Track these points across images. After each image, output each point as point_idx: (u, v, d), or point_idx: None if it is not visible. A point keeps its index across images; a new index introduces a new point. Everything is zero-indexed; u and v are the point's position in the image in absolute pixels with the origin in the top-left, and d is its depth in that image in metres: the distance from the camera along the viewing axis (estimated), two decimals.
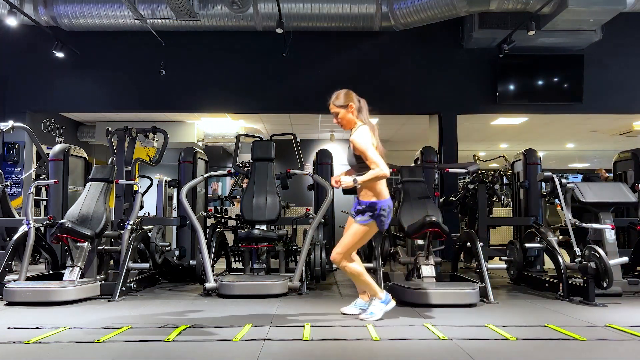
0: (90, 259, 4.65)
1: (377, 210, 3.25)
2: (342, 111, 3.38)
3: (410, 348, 2.69)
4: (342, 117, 3.40)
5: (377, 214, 3.25)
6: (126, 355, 2.55)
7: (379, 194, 3.27)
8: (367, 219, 3.27)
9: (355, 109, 3.37)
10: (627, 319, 3.40)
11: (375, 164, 3.16)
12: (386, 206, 3.28)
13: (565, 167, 17.53)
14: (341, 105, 3.38)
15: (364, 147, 3.20)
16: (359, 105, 3.40)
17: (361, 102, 3.42)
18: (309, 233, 4.65)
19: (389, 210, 3.31)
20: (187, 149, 5.89)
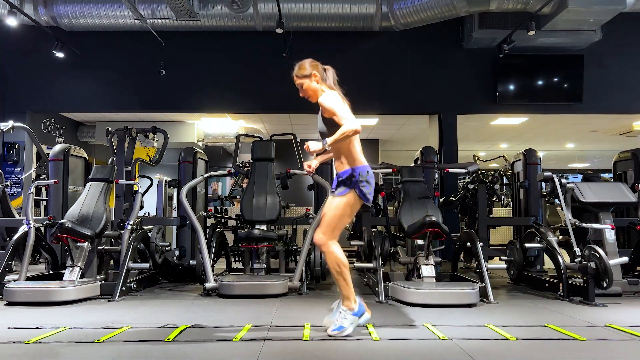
0: (90, 259, 4.65)
1: (355, 177, 2.93)
2: (306, 81, 3.11)
3: (410, 348, 2.69)
4: (307, 88, 3.11)
5: (355, 180, 2.92)
6: (126, 355, 2.55)
7: (355, 160, 2.98)
8: (345, 189, 2.95)
9: (319, 78, 3.11)
10: (627, 319, 3.40)
11: (345, 119, 2.85)
12: (365, 172, 2.95)
13: (565, 167, 17.53)
14: (304, 75, 3.11)
15: (332, 105, 2.92)
16: (324, 74, 3.15)
17: (327, 70, 3.17)
18: (309, 233, 4.65)
19: (370, 177, 2.97)
20: (187, 149, 5.89)
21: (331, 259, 2.94)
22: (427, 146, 6.13)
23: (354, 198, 2.95)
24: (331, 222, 2.96)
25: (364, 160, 3.01)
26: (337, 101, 2.97)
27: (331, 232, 2.95)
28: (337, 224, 2.97)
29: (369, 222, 5.40)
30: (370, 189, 2.98)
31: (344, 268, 2.93)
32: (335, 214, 2.96)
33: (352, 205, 2.97)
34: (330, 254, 2.94)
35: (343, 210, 2.96)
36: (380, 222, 5.70)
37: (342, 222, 2.99)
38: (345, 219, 3.00)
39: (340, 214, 2.96)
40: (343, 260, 2.94)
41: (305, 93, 3.17)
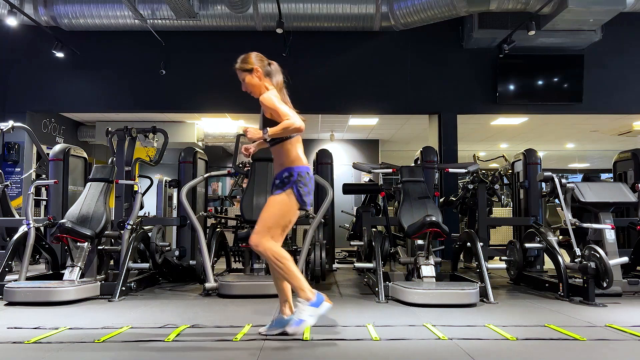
0: (90, 259, 4.65)
1: (294, 176, 2.82)
2: (247, 76, 2.99)
3: (410, 348, 2.69)
4: (248, 83, 3.00)
5: (293, 179, 2.81)
6: (126, 355, 2.55)
7: (295, 159, 2.88)
8: (282, 188, 2.84)
9: (262, 73, 2.99)
10: (627, 319, 3.40)
11: (285, 115, 2.78)
12: (304, 172, 2.85)
13: (565, 167, 17.54)
14: (246, 69, 2.99)
15: (273, 103, 2.84)
16: (269, 69, 3.03)
17: (272, 66, 3.06)
18: (309, 233, 4.65)
19: (309, 179, 2.87)
20: (187, 149, 5.89)
21: (269, 257, 2.78)
22: (427, 146, 6.13)
23: (291, 198, 2.82)
24: (266, 222, 2.81)
25: (305, 162, 2.92)
26: (278, 100, 2.89)
27: (266, 231, 2.79)
28: (273, 224, 2.81)
29: (369, 222, 5.40)
30: (308, 191, 2.86)
31: (286, 262, 2.77)
32: (271, 213, 2.82)
33: (289, 205, 2.83)
34: (267, 252, 2.77)
35: (278, 209, 2.82)
36: (380, 222, 5.70)
37: (279, 222, 2.83)
38: (283, 218, 2.84)
39: (276, 213, 2.82)
40: (282, 254, 2.78)
41: (247, 88, 3.05)
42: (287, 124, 2.76)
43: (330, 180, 6.08)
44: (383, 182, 5.29)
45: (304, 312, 2.77)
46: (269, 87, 3.01)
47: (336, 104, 8.06)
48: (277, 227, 2.82)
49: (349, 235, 7.26)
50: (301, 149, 2.97)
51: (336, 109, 8.24)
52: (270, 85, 3.02)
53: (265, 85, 3.01)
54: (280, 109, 2.82)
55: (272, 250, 2.76)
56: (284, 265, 2.76)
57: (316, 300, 2.80)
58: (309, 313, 2.77)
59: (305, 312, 2.77)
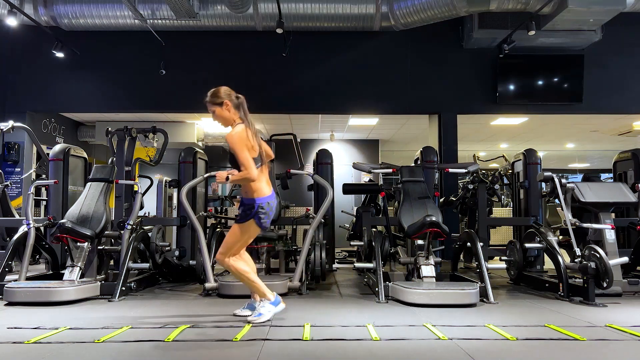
0: (90, 259, 4.65)
1: (255, 208, 3.25)
2: (217, 109, 3.30)
3: (410, 348, 2.69)
4: (219, 115, 3.32)
5: (254, 212, 3.25)
6: (126, 355, 2.55)
7: (256, 191, 3.27)
8: (244, 217, 3.29)
9: (232, 106, 3.30)
10: (627, 319, 3.40)
11: (243, 166, 3.15)
12: (264, 203, 3.28)
13: (565, 167, 17.54)
14: (216, 102, 3.29)
15: (235, 148, 3.18)
16: (237, 102, 3.32)
17: (240, 99, 3.34)
18: (309, 233, 4.65)
19: (269, 208, 3.31)
20: (187, 149, 5.89)
21: (234, 271, 3.35)
22: (427, 146, 6.13)
23: (252, 226, 3.31)
24: (229, 245, 3.33)
25: (266, 191, 3.32)
26: (242, 142, 3.19)
27: (228, 251, 3.33)
28: (234, 246, 3.35)
29: (369, 222, 5.40)
30: (268, 217, 3.33)
31: (248, 274, 3.34)
32: (233, 239, 3.33)
33: (250, 231, 3.34)
34: (232, 267, 3.34)
35: (240, 235, 3.33)
36: (380, 222, 5.70)
37: (240, 243, 3.37)
38: (242, 242, 3.38)
39: (238, 239, 3.34)
40: (244, 268, 3.36)
41: (217, 120, 3.37)
42: (243, 175, 3.18)
43: (330, 180, 6.08)
44: (383, 182, 5.29)
45: (263, 308, 3.32)
46: (237, 119, 3.34)
47: (336, 104, 8.06)
48: (237, 248, 3.38)
49: (349, 235, 7.26)
50: (264, 179, 3.36)
51: (336, 109, 8.24)
52: (238, 118, 3.34)
53: (234, 118, 3.34)
54: (240, 156, 3.17)
55: (234, 266, 3.34)
56: (247, 278, 3.35)
57: (275, 300, 3.37)
58: (267, 309, 3.32)
59: (265, 309, 3.32)
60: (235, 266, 3.33)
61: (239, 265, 3.35)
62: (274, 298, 3.36)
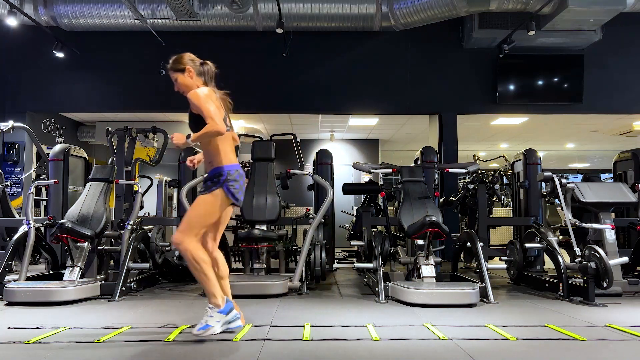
0: (90, 259, 4.65)
1: (223, 175, 2.86)
2: (180, 75, 3.01)
3: (410, 348, 2.69)
4: (181, 82, 3.01)
5: (222, 179, 2.85)
6: (126, 355, 2.55)
7: (223, 159, 2.91)
8: (210, 187, 2.87)
9: (195, 73, 3.00)
10: (627, 319, 3.40)
11: (209, 118, 2.76)
12: (233, 170, 2.90)
13: (565, 167, 17.54)
14: (178, 69, 3.01)
15: (199, 102, 2.82)
16: (201, 69, 3.03)
17: (205, 66, 3.05)
18: (309, 233, 4.65)
19: (239, 175, 2.92)
20: (187, 149, 5.89)
21: (188, 257, 2.79)
22: (427, 146, 6.13)
23: (222, 196, 2.86)
24: (191, 220, 2.83)
25: (233, 160, 2.96)
26: (206, 99, 2.86)
27: (190, 230, 2.81)
28: (199, 222, 2.84)
29: (369, 222, 5.40)
30: (240, 187, 2.92)
31: (203, 264, 2.79)
32: (198, 212, 2.85)
33: (219, 204, 2.87)
34: (186, 252, 2.78)
35: (207, 207, 2.86)
36: (380, 222, 5.70)
37: (205, 220, 2.87)
38: (209, 218, 2.88)
39: (203, 212, 2.85)
40: (201, 257, 2.80)
41: (179, 88, 3.05)
42: (207, 128, 2.77)
43: (330, 180, 6.08)
44: (383, 182, 5.29)
45: (211, 318, 2.80)
46: (199, 84, 3.02)
47: (336, 104, 8.06)
48: (201, 226, 2.86)
49: (349, 235, 7.26)
50: (230, 148, 3.00)
51: (336, 109, 8.23)
52: (202, 84, 3.03)
53: (197, 85, 3.01)
54: (205, 107, 2.80)
55: (191, 251, 2.78)
56: (200, 268, 2.78)
57: (224, 307, 2.84)
58: (216, 319, 2.81)
59: (213, 319, 2.80)
60: (193, 251, 2.78)
61: (195, 251, 2.79)
62: (224, 304, 2.83)
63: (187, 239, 2.78)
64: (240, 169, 2.96)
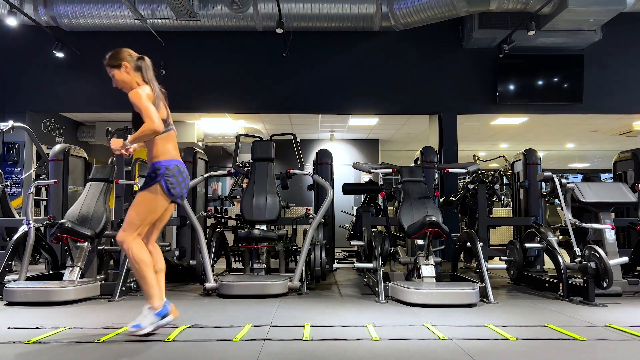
0: (90, 259, 4.65)
1: (161, 169, 2.87)
2: (117, 71, 2.99)
3: (410, 348, 2.69)
4: (118, 79, 3.00)
5: (160, 173, 2.86)
6: (126, 355, 2.55)
7: (162, 153, 2.92)
8: (148, 182, 2.87)
9: (132, 68, 2.99)
10: (627, 319, 3.40)
11: (147, 117, 2.78)
12: (172, 165, 2.90)
13: (565, 167, 17.54)
14: (114, 65, 3.00)
15: (138, 101, 2.83)
16: (139, 64, 3.02)
17: (143, 62, 3.04)
18: (309, 233, 4.65)
19: (178, 171, 2.92)
20: (187, 149, 5.89)
21: (129, 256, 2.83)
22: (427, 146, 6.13)
23: (159, 191, 2.86)
24: (132, 218, 2.85)
25: (173, 154, 2.97)
26: (145, 97, 2.87)
27: (131, 228, 2.84)
28: (139, 219, 2.85)
29: (369, 222, 5.40)
30: (178, 184, 2.90)
31: (143, 266, 2.82)
32: (138, 209, 2.86)
33: (156, 199, 2.87)
34: (129, 251, 2.82)
35: (146, 204, 2.87)
36: (380, 222, 5.70)
37: (146, 217, 2.87)
38: (149, 215, 2.89)
39: (143, 209, 2.86)
40: (142, 258, 2.83)
41: (117, 84, 3.05)
42: (144, 128, 2.78)
43: (330, 180, 6.08)
44: (383, 182, 5.30)
45: (145, 319, 2.84)
46: (140, 82, 3.02)
47: (336, 104, 8.06)
48: (143, 224, 2.87)
49: (349, 235, 7.26)
50: (171, 144, 3.00)
51: (336, 109, 8.24)
52: (141, 81, 3.02)
53: (135, 81, 3.01)
54: (144, 107, 2.82)
55: (133, 251, 2.82)
56: (140, 268, 2.82)
57: (161, 310, 2.86)
58: (150, 321, 2.84)
59: (147, 320, 2.84)
60: (135, 251, 2.81)
61: (138, 251, 2.82)
62: (161, 308, 2.85)
63: (129, 237, 2.83)
64: (181, 165, 2.97)
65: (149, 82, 3.03)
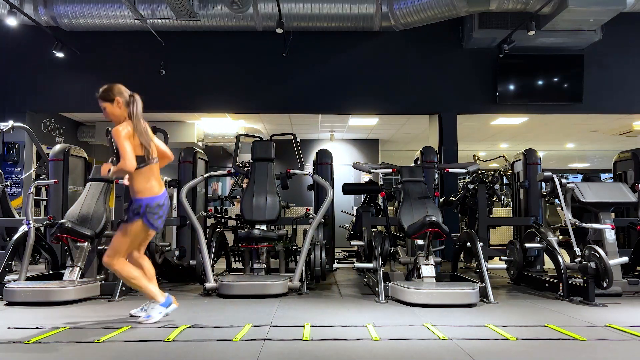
0: (90, 259, 4.65)
1: (142, 208, 3.19)
2: (108, 105, 3.23)
3: (410, 348, 2.69)
4: (110, 112, 3.24)
5: (142, 211, 3.19)
6: (126, 355, 2.55)
7: (145, 190, 3.22)
8: (132, 217, 3.21)
9: (123, 104, 3.22)
10: (627, 319, 3.40)
11: (122, 157, 3.06)
12: (153, 203, 3.22)
13: (565, 167, 17.54)
14: (107, 99, 3.22)
15: (119, 140, 3.09)
16: (128, 100, 3.25)
17: (132, 97, 3.26)
18: (309, 233, 4.65)
19: (159, 208, 3.25)
20: (187, 149, 5.89)
21: (123, 275, 3.27)
22: (427, 146, 6.13)
23: (141, 226, 3.22)
24: (117, 246, 3.24)
25: (156, 190, 3.27)
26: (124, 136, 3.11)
27: (116, 255, 3.23)
28: (123, 247, 3.25)
29: (369, 222, 5.40)
30: (159, 217, 3.26)
31: (136, 280, 3.27)
32: (122, 240, 3.24)
33: (139, 231, 3.25)
34: (120, 272, 3.25)
35: (129, 235, 3.23)
36: (380, 222, 5.70)
37: (129, 245, 3.27)
38: (132, 243, 3.28)
39: (126, 239, 3.24)
40: (132, 273, 3.26)
41: (107, 116, 3.28)
42: (119, 166, 3.08)
43: (330, 180, 6.08)
44: (383, 182, 5.30)
45: (154, 310, 3.30)
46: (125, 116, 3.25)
47: (336, 104, 8.06)
48: (126, 250, 3.28)
49: (349, 235, 7.26)
50: (153, 179, 3.28)
51: (336, 109, 8.24)
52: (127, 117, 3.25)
53: (124, 116, 3.25)
54: (121, 146, 3.08)
55: (121, 271, 3.25)
56: (134, 282, 3.28)
57: (165, 301, 3.33)
58: (158, 311, 3.29)
59: (155, 310, 3.29)
60: (124, 269, 3.25)
61: (127, 268, 3.26)
62: (164, 299, 3.32)
63: (115, 261, 3.23)
64: (161, 200, 3.27)
65: (135, 118, 3.23)
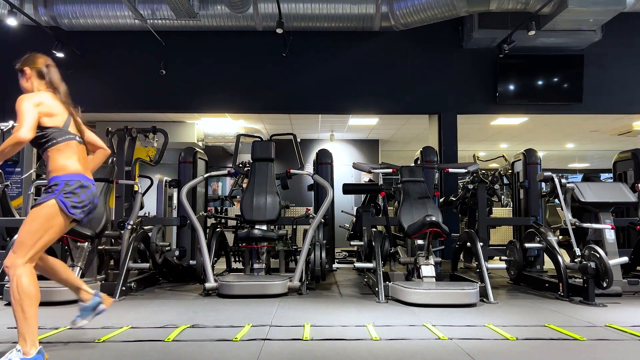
0: (90, 259, 4.65)
1: (59, 185, 2.48)
2: (20, 77, 2.85)
3: (410, 348, 2.69)
4: (21, 85, 2.80)
5: (58, 189, 2.46)
6: (126, 355, 2.55)
7: (61, 168, 2.55)
8: (44, 198, 2.46)
9: (35, 76, 2.80)
10: (627, 319, 3.40)
11: (18, 126, 2.50)
12: (73, 181, 2.52)
13: (565, 167, 17.54)
14: (19, 68, 2.84)
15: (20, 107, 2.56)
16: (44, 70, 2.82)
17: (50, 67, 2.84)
18: (309, 233, 4.65)
19: (80, 188, 2.52)
20: (187, 149, 5.89)
21: (13, 285, 2.29)
22: (427, 146, 6.13)
23: (55, 209, 2.43)
24: (24, 239, 2.37)
25: (73, 168, 2.58)
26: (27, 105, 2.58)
27: (22, 251, 2.35)
28: (33, 240, 2.37)
29: (369, 222, 5.40)
30: (79, 201, 2.51)
31: (27, 301, 2.28)
32: (30, 228, 2.39)
33: (52, 217, 2.43)
34: (15, 277, 2.30)
35: (40, 222, 2.40)
36: (380, 222, 5.70)
37: (40, 237, 2.39)
38: (45, 235, 2.41)
39: (36, 228, 2.39)
40: (30, 292, 2.29)
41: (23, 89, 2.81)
42: (8, 141, 2.47)
43: (330, 180, 6.09)
44: (383, 182, 5.30)
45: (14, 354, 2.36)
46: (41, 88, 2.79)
47: (336, 104, 8.06)
48: (36, 245, 2.38)
49: (349, 235, 7.26)
50: (74, 157, 2.63)
51: (336, 109, 8.24)
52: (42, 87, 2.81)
53: (37, 87, 2.80)
54: (20, 114, 2.54)
55: (22, 281, 2.29)
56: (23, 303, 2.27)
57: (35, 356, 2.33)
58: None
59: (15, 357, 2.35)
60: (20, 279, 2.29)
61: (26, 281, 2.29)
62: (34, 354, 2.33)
63: (20, 261, 2.33)
64: (85, 181, 2.58)
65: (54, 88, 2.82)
